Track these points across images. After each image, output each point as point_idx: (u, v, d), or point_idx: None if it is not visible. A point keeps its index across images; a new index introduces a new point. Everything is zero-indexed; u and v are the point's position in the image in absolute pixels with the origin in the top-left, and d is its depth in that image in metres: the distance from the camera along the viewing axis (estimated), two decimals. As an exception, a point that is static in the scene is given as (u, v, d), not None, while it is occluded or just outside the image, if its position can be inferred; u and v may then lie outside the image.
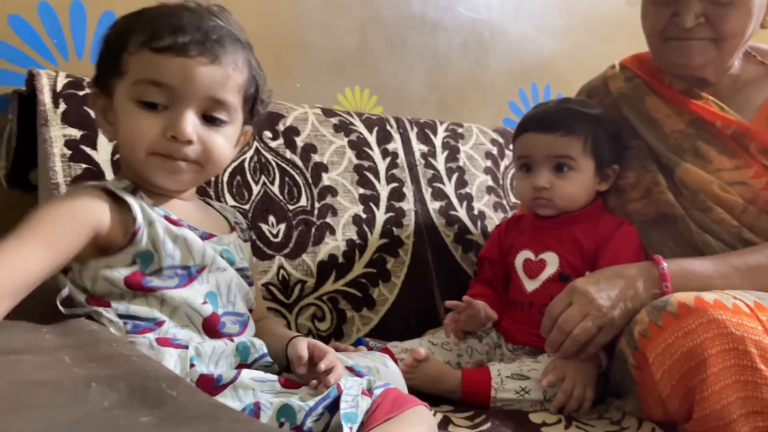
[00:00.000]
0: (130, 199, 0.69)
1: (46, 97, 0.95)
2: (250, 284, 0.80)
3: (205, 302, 0.71)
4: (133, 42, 0.68)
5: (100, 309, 0.66)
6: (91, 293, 0.68)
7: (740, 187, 0.99)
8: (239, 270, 0.78)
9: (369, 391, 0.69)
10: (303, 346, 0.72)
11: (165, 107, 0.69)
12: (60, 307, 0.67)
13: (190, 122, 0.68)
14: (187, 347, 0.66)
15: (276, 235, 1.11)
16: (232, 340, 0.72)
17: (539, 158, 1.06)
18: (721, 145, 1.02)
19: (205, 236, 0.74)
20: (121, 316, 0.67)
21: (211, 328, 0.72)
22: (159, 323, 0.68)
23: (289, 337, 0.77)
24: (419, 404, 0.70)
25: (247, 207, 1.10)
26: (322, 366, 0.69)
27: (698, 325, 0.74)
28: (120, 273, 0.67)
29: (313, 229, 1.16)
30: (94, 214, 0.67)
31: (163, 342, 0.66)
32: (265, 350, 0.74)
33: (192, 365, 0.65)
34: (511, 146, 1.50)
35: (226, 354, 0.70)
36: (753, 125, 1.00)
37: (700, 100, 1.05)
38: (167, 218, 0.71)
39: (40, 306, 0.66)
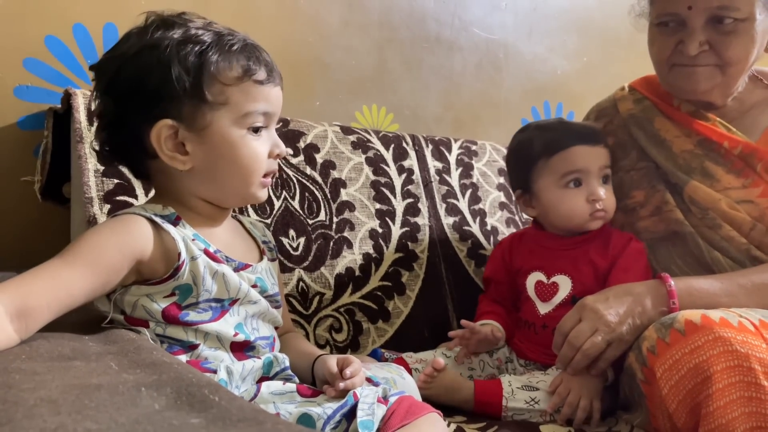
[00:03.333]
0: (175, 233, 0.71)
1: (81, 115, 1.00)
2: (278, 307, 0.83)
3: (236, 334, 0.75)
4: (227, 73, 0.71)
5: (140, 329, 0.70)
6: (130, 315, 0.71)
7: (748, 206, 1.02)
8: (270, 297, 0.81)
9: (384, 399, 0.73)
10: (333, 363, 0.75)
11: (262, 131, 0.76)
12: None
13: None
14: (215, 371, 0.70)
15: (296, 249, 1.15)
16: (260, 357, 0.76)
17: (593, 170, 1.07)
18: (729, 165, 1.05)
19: (241, 267, 0.77)
20: (157, 335, 0.70)
21: (239, 350, 0.75)
22: (192, 346, 0.71)
23: (315, 354, 0.81)
24: (432, 412, 0.73)
25: (268, 221, 1.14)
26: (348, 372, 0.73)
27: (704, 342, 0.77)
28: (158, 304, 0.70)
29: (332, 243, 1.20)
30: (139, 243, 0.69)
31: (194, 365, 0.69)
32: (287, 364, 0.78)
33: None
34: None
35: (254, 370, 0.74)
36: (760, 145, 1.03)
37: (707, 122, 1.08)
38: (207, 252, 0.73)
39: (78, 317, 0.70)
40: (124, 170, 1.01)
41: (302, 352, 0.84)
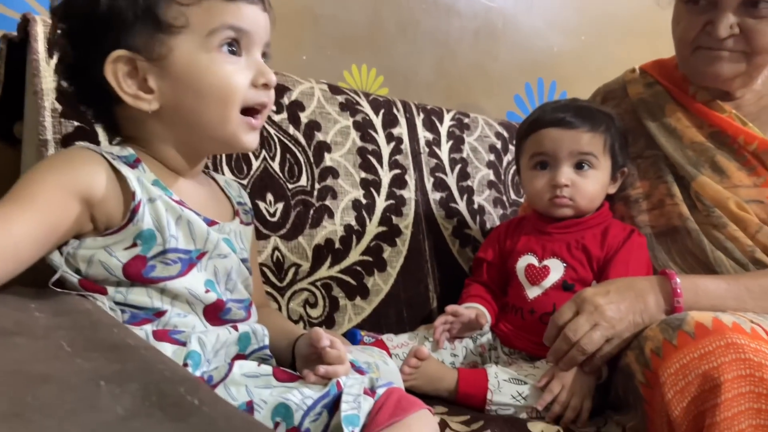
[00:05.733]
0: (127, 172, 0.62)
1: (40, 45, 0.87)
2: (249, 275, 0.75)
3: (207, 291, 0.66)
4: None
5: (96, 295, 0.60)
6: (84, 276, 0.62)
7: (756, 206, 0.97)
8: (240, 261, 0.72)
9: (371, 390, 0.64)
10: (319, 335, 0.67)
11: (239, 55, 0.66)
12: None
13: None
14: (184, 344, 0.61)
15: (273, 214, 1.06)
16: (236, 328, 0.67)
17: (561, 155, 1.02)
18: (741, 161, 0.99)
19: (207, 223, 0.68)
20: (117, 303, 0.61)
21: (213, 315, 0.66)
22: (159, 313, 0.63)
23: (296, 333, 0.72)
24: (423, 408, 0.66)
25: (245, 182, 1.04)
26: (332, 354, 0.65)
27: (716, 348, 0.72)
28: (118, 259, 0.61)
29: (312, 211, 1.11)
30: (84, 178, 0.61)
31: (161, 335, 0.60)
32: (266, 342, 0.69)
33: (185, 364, 0.60)
34: (514, 142, 1.48)
35: (228, 343, 0.65)
36: (775, 144, 0.98)
37: (723, 113, 1.02)
38: (169, 198, 0.65)
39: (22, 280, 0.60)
40: (88, 113, 0.90)
41: (281, 330, 0.75)
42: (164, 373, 0.37)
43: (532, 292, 1.05)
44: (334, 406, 0.61)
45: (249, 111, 0.67)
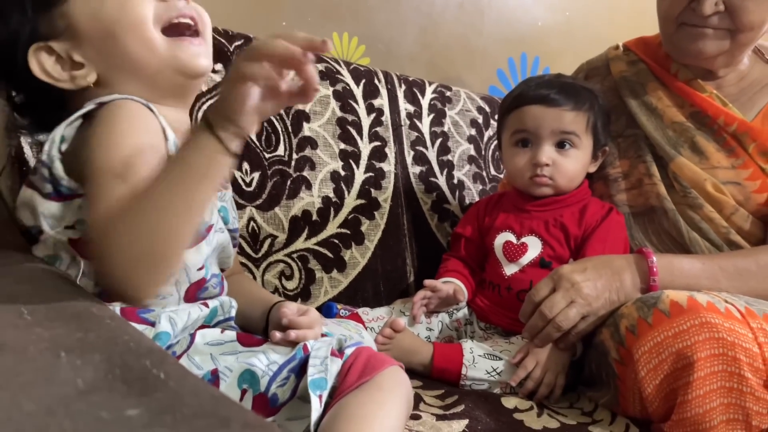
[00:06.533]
0: (165, 124, 0.61)
1: None
2: (236, 245, 0.73)
3: (201, 267, 0.64)
4: None
5: (79, 259, 0.58)
6: (78, 235, 0.59)
7: (733, 187, 0.97)
8: (231, 231, 0.70)
9: (340, 352, 0.63)
10: (292, 308, 0.66)
11: None
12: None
13: None
14: (153, 324, 0.58)
15: (249, 184, 1.03)
16: (207, 305, 0.65)
17: (543, 133, 1.01)
18: (721, 142, 0.99)
19: None
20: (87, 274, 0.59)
21: (192, 293, 0.64)
22: None
23: (271, 301, 0.71)
24: (394, 364, 0.64)
25: (221, 150, 1.01)
26: (303, 321, 0.63)
27: (690, 327, 0.72)
28: None
29: (289, 182, 1.09)
30: (161, 138, 0.60)
31: (129, 314, 0.58)
32: (233, 313, 0.67)
33: None
34: (496, 117, 1.46)
35: (197, 320, 0.63)
36: (755, 125, 0.98)
37: (704, 93, 1.02)
38: None
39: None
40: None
41: (256, 298, 0.74)
42: (129, 344, 0.36)
43: (510, 269, 1.04)
44: (301, 369, 0.59)
45: (177, 30, 0.64)
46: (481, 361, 0.90)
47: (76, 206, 0.58)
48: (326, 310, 1.02)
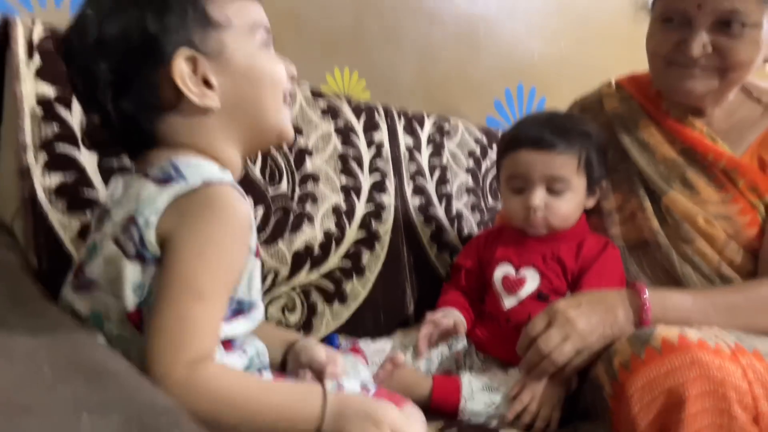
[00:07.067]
0: (250, 210, 0.64)
1: (20, 48, 0.86)
2: None
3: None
4: None
5: (125, 322, 0.60)
6: (147, 303, 0.59)
7: (724, 222, 1.00)
8: None
9: (365, 389, 0.69)
10: (321, 352, 0.71)
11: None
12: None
13: None
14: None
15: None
16: (246, 353, 0.67)
17: (534, 177, 1.04)
18: (711, 178, 1.02)
19: None
20: None
21: (229, 342, 0.67)
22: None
23: (289, 340, 0.75)
24: (409, 403, 0.70)
25: (225, 187, 1.04)
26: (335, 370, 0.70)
27: (681, 365, 0.75)
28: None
29: (292, 216, 1.12)
30: (250, 233, 0.64)
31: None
32: (267, 359, 0.70)
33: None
34: (494, 146, 1.50)
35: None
36: (744, 161, 1.01)
37: (694, 130, 1.05)
38: None
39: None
40: (66, 116, 0.89)
41: (274, 336, 0.78)
42: (145, 402, 0.38)
43: (509, 302, 1.07)
44: None
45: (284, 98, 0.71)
46: (479, 395, 0.92)
47: (151, 273, 0.59)
48: (328, 343, 1.04)
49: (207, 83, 0.64)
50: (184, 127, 0.65)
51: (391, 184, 1.29)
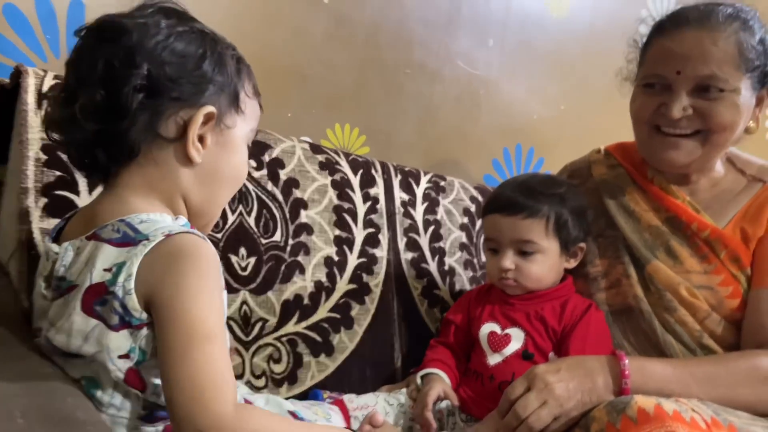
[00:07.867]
0: (214, 249, 0.67)
1: (30, 97, 0.91)
2: None
3: None
4: (248, 86, 0.75)
5: (130, 389, 0.62)
6: (142, 364, 0.62)
7: (707, 292, 1.01)
8: None
9: None
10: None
11: None
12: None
13: None
14: None
15: (244, 269, 1.09)
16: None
17: (504, 240, 1.08)
18: (694, 248, 1.04)
19: None
20: (151, 403, 0.65)
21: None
22: None
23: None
24: None
25: (219, 236, 1.07)
26: None
27: (654, 436, 0.75)
28: None
29: (283, 266, 1.14)
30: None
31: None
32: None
33: None
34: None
35: None
36: (726, 233, 1.03)
37: (678, 200, 1.07)
38: None
39: None
40: (70, 165, 0.92)
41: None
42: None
43: (493, 359, 1.08)
44: None
45: None
46: (458, 457, 0.92)
47: (142, 336, 0.60)
48: (312, 398, 1.05)
49: (202, 140, 0.70)
50: (156, 168, 0.68)
51: (384, 237, 1.31)
